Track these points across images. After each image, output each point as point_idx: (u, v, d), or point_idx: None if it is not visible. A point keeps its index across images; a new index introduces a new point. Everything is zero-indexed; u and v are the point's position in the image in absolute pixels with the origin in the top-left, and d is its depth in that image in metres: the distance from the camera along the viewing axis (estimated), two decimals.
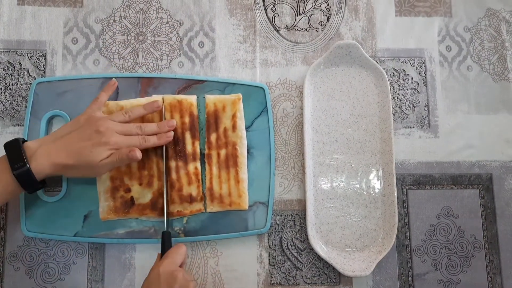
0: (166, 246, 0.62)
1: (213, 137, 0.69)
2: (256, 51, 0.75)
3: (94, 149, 0.59)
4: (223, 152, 0.68)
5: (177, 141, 0.68)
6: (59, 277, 0.67)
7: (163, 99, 0.69)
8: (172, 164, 0.67)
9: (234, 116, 0.69)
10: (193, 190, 0.67)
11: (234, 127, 0.69)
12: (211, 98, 0.70)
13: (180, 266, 0.61)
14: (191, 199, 0.67)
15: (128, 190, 0.66)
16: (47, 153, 0.58)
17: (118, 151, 0.60)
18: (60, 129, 0.62)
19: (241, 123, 0.69)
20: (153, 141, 0.64)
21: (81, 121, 0.61)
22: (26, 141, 0.60)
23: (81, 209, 0.66)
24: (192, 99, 0.69)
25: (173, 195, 0.67)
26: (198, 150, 0.68)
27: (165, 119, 0.68)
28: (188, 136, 0.68)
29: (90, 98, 0.68)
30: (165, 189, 0.66)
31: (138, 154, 0.60)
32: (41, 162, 0.58)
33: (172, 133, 0.66)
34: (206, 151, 0.69)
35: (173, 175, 0.67)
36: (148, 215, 0.66)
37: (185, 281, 0.57)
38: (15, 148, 0.58)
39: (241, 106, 0.69)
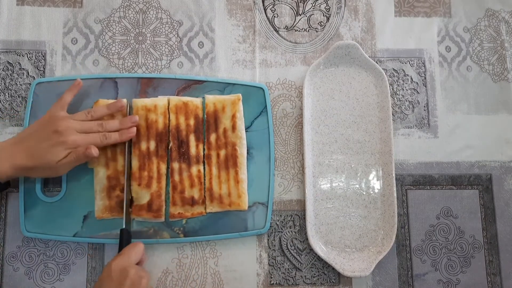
0: (123, 243, 0.62)
1: (212, 137, 0.69)
2: (255, 51, 0.74)
3: (52, 150, 0.59)
4: (222, 152, 0.68)
5: (181, 143, 0.68)
6: (59, 277, 0.67)
7: (168, 100, 0.68)
8: (175, 166, 0.67)
9: (233, 117, 0.69)
10: (195, 193, 0.67)
11: (233, 127, 0.68)
12: (211, 99, 0.69)
13: (138, 264, 0.60)
14: (193, 202, 0.67)
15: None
16: (8, 156, 0.58)
17: (75, 150, 0.60)
18: (23, 131, 0.63)
19: (241, 124, 0.69)
20: (114, 137, 0.64)
21: (43, 122, 0.62)
22: None
23: (81, 210, 0.66)
24: (197, 101, 0.69)
25: (175, 197, 0.66)
26: (202, 153, 0.68)
27: (169, 121, 0.68)
28: (192, 138, 0.68)
29: (90, 98, 0.69)
30: (125, 186, 0.65)
31: (94, 151, 0.60)
32: (1, 165, 0.58)
33: (134, 129, 0.65)
34: (206, 152, 0.68)
35: (176, 177, 0.67)
36: (144, 216, 0.66)
37: (137, 277, 0.56)
38: None
39: (240, 106, 0.69)
